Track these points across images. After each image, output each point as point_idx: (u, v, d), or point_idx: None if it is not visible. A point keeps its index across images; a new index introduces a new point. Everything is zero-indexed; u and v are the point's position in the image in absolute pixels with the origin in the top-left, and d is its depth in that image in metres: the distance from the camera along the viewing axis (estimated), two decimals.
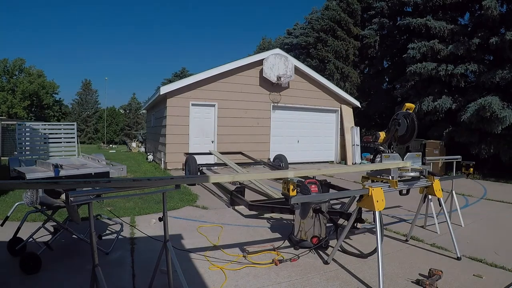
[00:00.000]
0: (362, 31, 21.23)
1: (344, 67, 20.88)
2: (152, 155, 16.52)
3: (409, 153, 4.75)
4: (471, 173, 5.85)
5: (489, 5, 12.16)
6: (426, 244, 4.95)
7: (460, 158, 6.08)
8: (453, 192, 6.09)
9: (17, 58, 51.48)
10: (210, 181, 3.64)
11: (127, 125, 59.00)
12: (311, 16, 32.29)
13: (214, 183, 8.34)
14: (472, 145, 12.90)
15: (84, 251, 4.32)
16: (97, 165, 5.55)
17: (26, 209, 4.58)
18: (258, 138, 13.92)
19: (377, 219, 3.69)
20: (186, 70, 55.05)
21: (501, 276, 3.92)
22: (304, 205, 4.50)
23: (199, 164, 9.57)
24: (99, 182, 3.08)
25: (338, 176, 11.35)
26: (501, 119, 11.24)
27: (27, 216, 4.31)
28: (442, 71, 13.74)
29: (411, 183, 4.50)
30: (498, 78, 12.07)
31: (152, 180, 3.13)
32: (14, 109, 47.13)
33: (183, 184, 9.17)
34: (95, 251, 2.57)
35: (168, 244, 3.09)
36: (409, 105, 5.10)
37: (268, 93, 14.15)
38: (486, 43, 12.71)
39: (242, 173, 8.04)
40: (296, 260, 4.21)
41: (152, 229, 5.26)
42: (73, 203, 2.78)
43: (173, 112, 12.39)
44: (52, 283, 3.51)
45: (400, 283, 3.70)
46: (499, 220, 6.53)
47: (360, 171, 5.36)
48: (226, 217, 6.26)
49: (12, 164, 7.42)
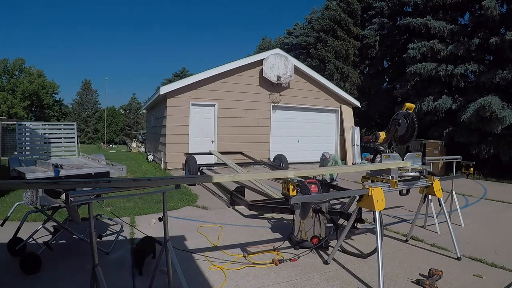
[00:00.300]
0: (362, 31, 21.23)
1: (344, 67, 20.88)
2: (152, 155, 16.52)
3: (409, 153, 4.75)
4: (471, 173, 5.86)
5: (489, 5, 12.16)
6: (426, 244, 4.95)
7: (460, 158, 6.08)
8: (453, 192, 6.09)
9: (17, 58, 51.51)
10: (210, 181, 3.64)
11: (127, 125, 59.00)
12: (311, 16, 32.30)
13: (214, 183, 8.34)
14: (472, 145, 12.90)
15: (84, 251, 4.32)
16: (97, 165, 5.55)
17: (26, 209, 4.59)
18: (258, 138, 13.92)
19: (377, 219, 3.69)
20: (186, 70, 55.09)
21: (501, 276, 3.92)
22: (304, 205, 4.50)
23: (199, 164, 9.57)
24: (99, 182, 3.09)
25: (338, 176, 11.33)
26: (501, 119, 11.24)
27: (27, 216, 4.31)
28: (442, 71, 13.74)
29: (411, 183, 4.50)
30: (498, 78, 12.07)
31: (152, 180, 3.13)
32: (14, 109, 47.11)
33: (183, 184, 9.18)
34: (95, 251, 2.57)
35: (168, 244, 3.09)
36: (409, 105, 5.10)
37: (268, 93, 14.15)
38: (486, 43, 12.70)
39: (242, 173, 8.04)
40: (296, 260, 4.22)
41: (152, 229, 5.26)
42: (73, 203, 2.78)
43: (173, 112, 12.39)
44: (52, 283, 3.52)
45: (400, 283, 3.70)
46: (499, 220, 6.53)
47: (360, 171, 5.36)
48: (226, 217, 6.26)
49: (12, 164, 7.40)
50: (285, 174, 4.00)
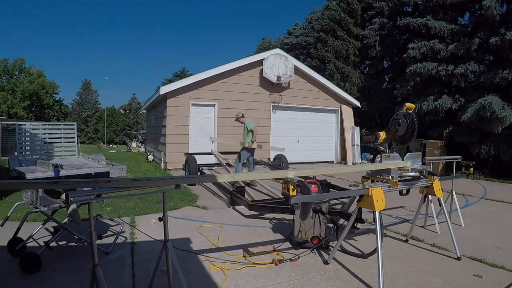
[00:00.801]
0: (362, 31, 21.24)
1: (344, 67, 20.88)
2: (152, 155, 16.52)
3: (409, 153, 4.74)
4: (471, 173, 5.85)
5: (489, 5, 12.15)
6: (426, 244, 4.95)
7: (460, 158, 6.07)
8: (453, 192, 6.09)
9: (17, 58, 51.43)
10: (211, 181, 3.64)
11: (127, 125, 58.96)
12: (311, 16, 32.31)
13: (214, 183, 8.34)
14: (472, 145, 12.89)
15: (84, 251, 4.32)
16: (97, 165, 5.55)
17: (26, 209, 4.58)
18: (258, 138, 13.67)
19: (377, 219, 3.69)
20: (186, 70, 55.02)
21: (502, 276, 3.92)
22: (304, 205, 4.50)
23: (199, 164, 9.57)
24: (99, 182, 3.08)
25: (338, 176, 11.35)
26: (501, 119, 11.23)
27: (27, 216, 4.31)
28: (442, 71, 13.73)
29: (411, 183, 4.50)
30: (498, 78, 12.07)
31: (152, 180, 3.13)
32: (14, 109, 47.08)
33: (183, 184, 9.18)
34: (95, 251, 2.57)
35: (168, 244, 3.09)
36: (409, 105, 5.10)
37: (268, 93, 14.15)
38: (486, 43, 12.70)
39: (242, 173, 8.04)
40: (296, 260, 4.21)
41: (152, 229, 5.26)
42: (73, 203, 2.77)
43: (173, 112, 12.39)
44: (52, 283, 3.51)
45: (400, 283, 3.69)
46: (499, 220, 6.53)
47: (359, 171, 5.36)
48: (226, 217, 6.26)
49: (12, 164, 7.41)
50: (285, 174, 3.99)
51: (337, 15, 21.23)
